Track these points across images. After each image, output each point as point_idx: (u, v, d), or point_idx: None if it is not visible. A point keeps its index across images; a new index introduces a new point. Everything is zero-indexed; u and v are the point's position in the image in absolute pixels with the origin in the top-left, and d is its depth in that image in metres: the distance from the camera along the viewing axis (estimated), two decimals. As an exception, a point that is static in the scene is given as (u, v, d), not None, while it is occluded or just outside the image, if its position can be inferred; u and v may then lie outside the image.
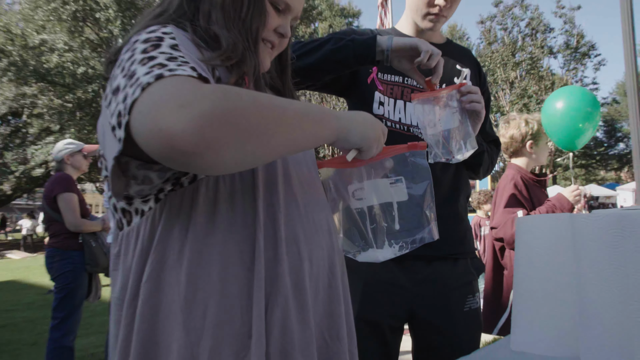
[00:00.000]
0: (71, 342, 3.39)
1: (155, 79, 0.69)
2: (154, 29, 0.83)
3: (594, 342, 1.05)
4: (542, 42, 25.87)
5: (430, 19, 1.60)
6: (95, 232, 3.52)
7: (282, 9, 0.97)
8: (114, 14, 17.57)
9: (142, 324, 0.82)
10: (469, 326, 1.59)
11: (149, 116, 0.66)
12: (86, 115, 18.18)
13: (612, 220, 1.01)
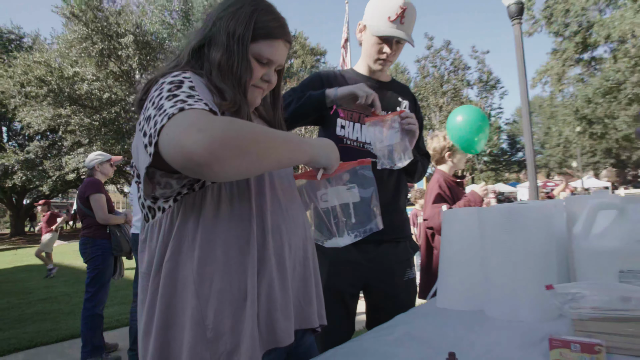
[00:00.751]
0: (101, 311, 3.29)
1: (178, 111, 0.71)
2: (177, 74, 0.84)
3: (493, 297, 1.09)
4: (462, 76, 26.36)
5: (380, 63, 1.60)
6: (119, 224, 3.43)
7: (265, 62, 0.96)
8: (133, 52, 17.05)
9: (165, 292, 0.84)
10: (408, 291, 1.61)
11: (174, 138, 0.69)
12: (110, 131, 17.57)
13: (504, 211, 1.07)
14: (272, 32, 0.94)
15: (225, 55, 0.90)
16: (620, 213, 0.92)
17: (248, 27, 0.91)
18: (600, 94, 16.70)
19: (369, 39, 1.59)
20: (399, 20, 1.49)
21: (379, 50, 1.57)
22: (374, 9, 1.56)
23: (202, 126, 0.68)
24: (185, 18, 18.16)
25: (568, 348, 0.71)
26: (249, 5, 0.93)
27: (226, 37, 0.90)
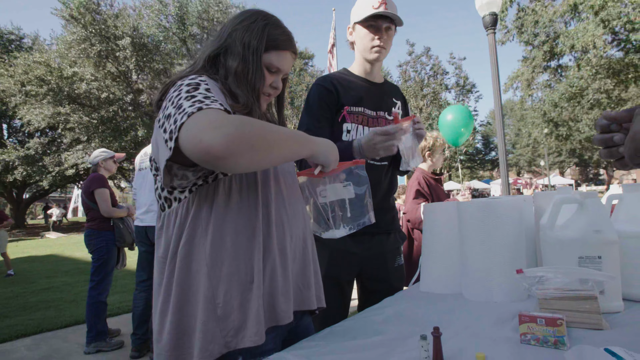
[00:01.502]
0: (105, 298, 3.28)
1: (197, 110, 0.75)
2: (194, 77, 0.88)
3: (471, 281, 1.14)
4: (441, 81, 26.60)
5: (375, 51, 1.56)
6: (122, 217, 3.42)
7: (274, 71, 1.00)
8: (130, 54, 16.73)
9: (180, 274, 0.87)
10: (398, 276, 1.65)
11: (194, 134, 0.72)
12: (107, 129, 17.23)
13: (480, 205, 1.12)
14: (281, 44, 0.98)
15: (242, 64, 0.94)
16: (580, 207, 0.99)
17: (261, 40, 0.95)
18: (565, 99, 17.08)
19: (359, 33, 1.58)
20: (383, 7, 1.50)
21: (372, 38, 1.54)
22: (358, 6, 1.57)
23: (218, 124, 0.72)
24: (180, 22, 17.85)
25: (535, 322, 0.78)
26: (262, 20, 0.97)
27: (242, 48, 0.94)
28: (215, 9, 17.96)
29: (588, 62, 12.91)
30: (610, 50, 13.84)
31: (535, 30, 14.14)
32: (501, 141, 5.94)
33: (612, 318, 0.89)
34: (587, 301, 0.85)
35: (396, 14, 1.55)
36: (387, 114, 1.65)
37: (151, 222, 3.00)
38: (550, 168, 31.57)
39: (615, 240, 0.95)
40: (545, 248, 1.05)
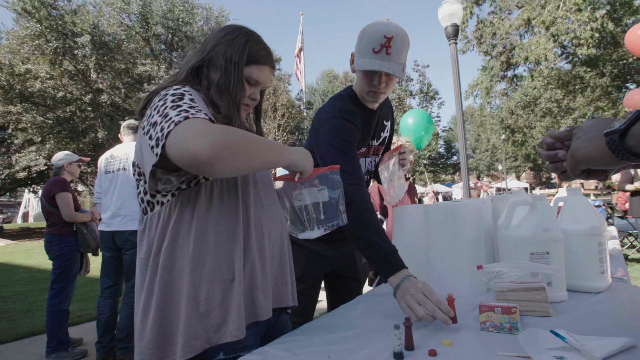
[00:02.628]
0: (67, 306, 3.15)
1: (184, 119, 0.80)
2: (177, 87, 0.92)
3: (436, 278, 1.23)
4: (406, 87, 27.37)
5: (371, 96, 1.44)
6: (86, 222, 3.31)
7: (253, 83, 1.05)
8: (90, 52, 16.01)
9: (163, 274, 0.91)
10: (364, 272, 1.77)
11: (182, 141, 0.78)
12: (64, 130, 16.38)
13: (445, 208, 1.22)
14: (261, 59, 1.04)
15: (224, 76, 0.99)
16: (532, 208, 1.11)
17: (243, 54, 1.01)
18: (521, 107, 18.12)
19: (358, 72, 1.42)
20: (385, 52, 1.31)
21: (368, 84, 1.41)
22: (361, 40, 1.37)
23: (205, 132, 0.78)
24: (144, 21, 17.29)
25: (493, 311, 0.88)
26: (244, 36, 1.03)
27: (224, 61, 0.99)
28: (180, 9, 17.55)
29: (540, 73, 13.79)
30: (560, 63, 14.86)
31: (493, 41, 14.91)
32: (462, 146, 6.24)
33: (558, 306, 1.01)
34: (537, 292, 0.96)
35: (401, 58, 1.34)
36: (375, 140, 1.63)
37: (119, 227, 2.93)
38: (507, 172, 33.25)
39: (561, 238, 1.08)
40: (501, 245, 1.17)
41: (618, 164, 0.59)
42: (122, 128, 3.24)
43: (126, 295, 3.00)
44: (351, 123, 1.38)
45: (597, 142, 0.61)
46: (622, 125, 0.56)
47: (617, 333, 0.77)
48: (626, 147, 0.56)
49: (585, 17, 11.14)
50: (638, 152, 0.55)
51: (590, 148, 0.62)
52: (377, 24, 1.35)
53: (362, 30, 1.38)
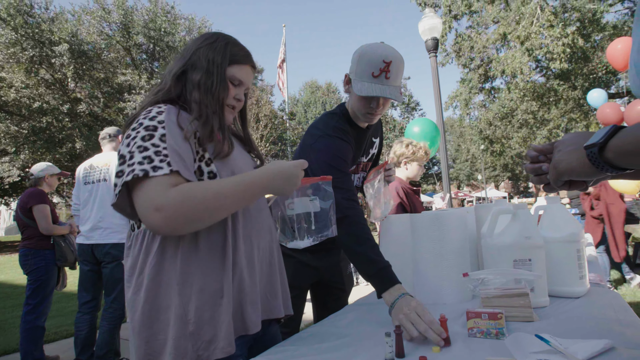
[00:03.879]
0: (43, 323, 3.03)
1: (143, 174, 0.82)
2: (154, 115, 0.92)
3: (423, 286, 1.25)
4: (387, 99, 27.78)
5: (367, 118, 1.45)
6: (64, 235, 3.22)
7: (236, 84, 1.07)
8: (68, 61, 15.69)
9: (149, 292, 0.90)
10: (349, 281, 1.78)
11: (139, 211, 0.83)
12: (40, 140, 15.92)
13: (432, 217, 1.25)
14: (242, 59, 1.08)
15: (205, 76, 1.01)
16: (514, 217, 1.15)
17: (224, 56, 1.04)
18: (498, 118, 18.64)
19: (354, 94, 1.40)
20: (384, 76, 1.30)
21: (365, 106, 1.40)
22: (358, 63, 1.35)
23: (158, 204, 0.80)
24: (125, 30, 17.10)
25: (480, 317, 0.90)
26: (223, 39, 1.07)
27: (206, 63, 1.02)
28: (162, 19, 17.46)
29: (517, 85, 14.26)
30: (535, 76, 15.41)
31: (471, 54, 15.37)
32: (444, 157, 6.37)
33: (540, 311, 1.04)
34: (521, 297, 0.99)
35: (398, 81, 1.36)
36: (364, 157, 1.65)
37: (100, 240, 2.86)
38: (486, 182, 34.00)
39: (542, 245, 1.11)
40: (485, 253, 1.20)
41: (598, 175, 0.63)
42: (100, 137, 3.17)
43: (105, 310, 2.92)
44: (345, 142, 1.39)
45: (577, 155, 0.64)
46: (600, 139, 0.59)
47: (597, 335, 0.80)
48: (605, 160, 0.59)
49: (557, 33, 11.62)
50: (616, 164, 0.58)
51: (572, 160, 0.65)
52: (375, 47, 1.35)
53: (358, 53, 1.36)
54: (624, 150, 0.56)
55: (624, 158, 0.57)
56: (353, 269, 1.84)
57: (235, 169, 1.01)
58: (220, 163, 0.99)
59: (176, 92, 1.03)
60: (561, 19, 12.14)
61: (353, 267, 1.82)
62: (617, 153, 0.57)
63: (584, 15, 12.67)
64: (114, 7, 16.71)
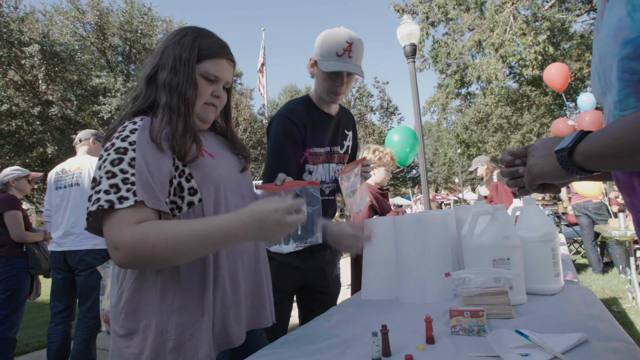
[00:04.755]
0: (14, 334, 2.91)
1: (107, 206, 0.81)
2: (127, 135, 0.88)
3: (406, 287, 1.27)
4: (367, 103, 28.09)
5: (332, 96, 1.56)
6: (37, 242, 3.11)
7: (212, 79, 1.00)
8: (39, 62, 15.18)
9: (130, 305, 0.90)
10: (336, 285, 1.78)
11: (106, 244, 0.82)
12: (8, 144, 15.31)
13: (414, 219, 1.28)
14: (215, 52, 1.00)
15: (171, 74, 0.96)
16: (492, 218, 1.19)
17: (193, 51, 0.97)
18: (474, 122, 19.14)
19: (320, 74, 1.54)
20: (347, 55, 1.46)
21: (331, 85, 1.53)
22: (323, 45, 1.50)
23: (116, 243, 0.80)
24: (100, 32, 16.71)
25: (462, 315, 0.93)
26: (192, 33, 1.00)
27: (172, 60, 0.96)
28: (139, 20, 17.14)
29: (492, 91, 14.70)
30: (508, 82, 15.91)
31: (447, 61, 15.74)
32: (422, 160, 6.49)
33: (519, 308, 1.08)
34: (500, 296, 1.02)
35: (360, 61, 1.51)
36: (339, 147, 1.70)
37: (72, 247, 2.77)
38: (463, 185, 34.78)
39: (520, 245, 1.16)
40: (466, 253, 1.23)
41: (569, 177, 0.67)
42: (75, 140, 3.09)
43: (80, 319, 2.83)
44: (291, 122, 1.52)
45: (549, 159, 0.68)
46: (569, 144, 0.63)
47: (572, 329, 0.84)
48: (575, 163, 0.63)
49: (529, 41, 12.06)
50: (585, 167, 0.62)
51: (544, 165, 0.69)
52: (337, 30, 1.50)
53: (322, 37, 1.52)
54: (591, 153, 0.59)
55: (592, 161, 0.60)
56: (339, 272, 1.83)
57: (210, 175, 0.98)
58: (198, 173, 0.95)
59: (151, 98, 0.98)
60: (532, 28, 12.60)
61: (339, 270, 1.83)
62: (585, 157, 0.61)
63: (553, 24, 13.20)
64: (88, 7, 16.29)
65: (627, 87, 0.55)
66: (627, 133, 0.52)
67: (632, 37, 0.51)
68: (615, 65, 0.55)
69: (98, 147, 3.09)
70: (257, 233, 0.85)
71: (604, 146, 0.57)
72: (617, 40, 0.54)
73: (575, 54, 14.53)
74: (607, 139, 0.56)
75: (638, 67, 0.52)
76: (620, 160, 0.55)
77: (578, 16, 13.98)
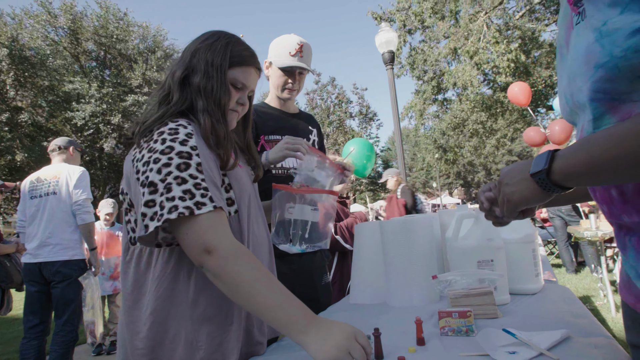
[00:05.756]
0: (-16, 351, 2.79)
1: (189, 213, 0.77)
2: (185, 139, 0.86)
3: (393, 291, 1.29)
4: (346, 109, 28.31)
5: (287, 91, 1.73)
6: (9, 254, 2.98)
7: (240, 87, 1.00)
8: (7, 67, 14.63)
9: (158, 315, 0.87)
10: (325, 293, 1.75)
11: (190, 251, 0.79)
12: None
13: (400, 222, 1.30)
14: (246, 60, 1.00)
15: (204, 80, 0.94)
16: (476, 221, 1.23)
17: (225, 57, 0.97)
18: (451, 128, 19.61)
19: (275, 73, 1.72)
20: (299, 54, 1.68)
21: (285, 81, 1.71)
22: (277, 47, 1.72)
23: (210, 246, 0.78)
24: (73, 36, 16.24)
25: (450, 317, 0.95)
26: (224, 38, 0.99)
27: (204, 65, 0.95)
28: (115, 25, 16.78)
29: (467, 97, 15.10)
30: (483, 88, 16.38)
31: (424, 67, 16.08)
32: (401, 165, 6.59)
33: (503, 308, 1.12)
34: (486, 296, 1.05)
35: (309, 62, 1.72)
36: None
37: (48, 258, 2.68)
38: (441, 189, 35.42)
39: (503, 246, 1.20)
40: (451, 255, 1.26)
41: (549, 198, 0.68)
42: (50, 148, 3.00)
43: (56, 334, 2.73)
44: None
45: (527, 184, 0.68)
46: (546, 165, 0.63)
47: (554, 327, 0.87)
48: (554, 183, 0.64)
49: (502, 49, 12.48)
50: (565, 185, 0.63)
51: (523, 190, 0.69)
52: (289, 35, 1.73)
53: (276, 41, 1.74)
54: (571, 172, 0.61)
55: (571, 179, 0.62)
56: (330, 280, 1.82)
57: (245, 187, 0.99)
58: (232, 180, 0.96)
59: (188, 101, 0.96)
60: (505, 36, 13.05)
61: (330, 278, 1.82)
62: (564, 175, 0.62)
63: (524, 33, 13.71)
64: (60, 11, 15.83)
65: (602, 107, 0.58)
66: (604, 150, 0.54)
67: (604, 61, 0.54)
68: (588, 87, 0.59)
69: (77, 156, 3.02)
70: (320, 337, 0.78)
71: (584, 164, 0.58)
72: (589, 64, 0.57)
73: (545, 62, 15.14)
74: (584, 157, 0.57)
75: (611, 87, 0.56)
76: (600, 176, 0.57)
77: (547, 25, 14.56)
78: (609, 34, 0.54)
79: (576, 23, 0.62)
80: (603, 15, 0.55)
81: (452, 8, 13.68)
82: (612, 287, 4.00)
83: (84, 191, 2.81)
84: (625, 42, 0.52)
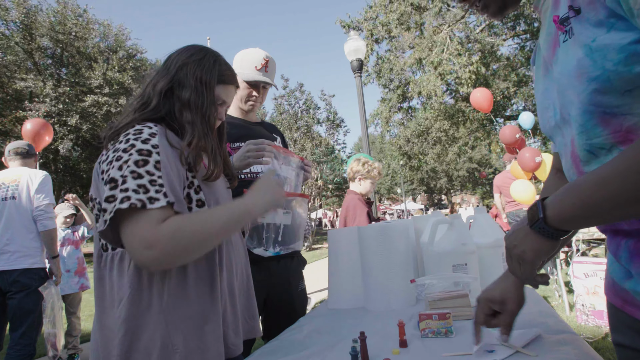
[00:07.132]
0: None
1: (140, 205, 0.78)
2: (147, 138, 0.87)
3: (372, 295, 1.32)
4: (313, 115, 28.43)
5: (250, 104, 1.76)
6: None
7: (220, 103, 1.05)
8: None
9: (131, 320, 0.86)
10: (301, 300, 1.74)
11: (129, 248, 0.79)
12: None
13: (379, 228, 1.34)
14: (228, 79, 1.05)
15: (195, 96, 0.97)
16: (450, 226, 1.29)
17: (213, 75, 1.01)
18: (415, 135, 20.17)
19: (239, 85, 1.65)
20: (264, 69, 1.72)
21: (249, 94, 1.75)
22: (243, 60, 1.74)
23: (150, 241, 0.78)
24: (27, 32, 15.31)
25: (431, 319, 0.99)
26: (211, 56, 1.04)
27: (194, 81, 0.98)
28: (74, 22, 15.98)
29: (431, 106, 15.62)
30: (446, 98, 17.01)
31: (390, 76, 16.49)
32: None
33: (477, 310, 1.17)
34: (462, 299, 1.11)
35: (273, 77, 1.76)
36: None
37: (6, 266, 2.51)
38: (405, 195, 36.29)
39: (475, 250, 1.26)
40: (427, 260, 1.32)
41: (558, 244, 0.68)
42: (7, 152, 2.83)
43: (11, 347, 2.55)
44: None
45: (532, 237, 0.68)
46: (540, 214, 0.64)
47: (526, 326, 0.93)
48: (555, 228, 0.64)
49: (464, 61, 13.04)
50: (565, 228, 0.64)
51: (533, 245, 0.68)
52: (255, 50, 1.76)
53: (241, 54, 1.76)
54: (566, 217, 0.62)
55: (568, 223, 0.63)
56: (305, 286, 1.82)
57: (218, 194, 1.01)
58: (206, 188, 0.98)
59: (165, 109, 0.98)
60: (466, 49, 13.66)
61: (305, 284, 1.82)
62: (560, 220, 0.63)
63: (484, 46, 14.40)
64: (12, 4, 14.90)
65: (594, 119, 0.61)
66: (593, 193, 0.55)
67: (597, 74, 0.57)
68: (580, 100, 0.61)
69: (34, 159, 2.87)
70: (267, 198, 0.98)
71: (577, 207, 0.58)
72: (581, 78, 0.60)
73: (503, 74, 15.94)
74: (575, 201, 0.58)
75: (603, 100, 0.58)
76: (594, 218, 0.58)
77: (505, 40, 15.37)
78: (600, 50, 0.56)
79: (563, 40, 0.64)
80: (591, 34, 0.57)
81: (417, 20, 14.17)
82: (566, 288, 4.26)
83: (46, 196, 2.66)
84: (617, 56, 0.54)
